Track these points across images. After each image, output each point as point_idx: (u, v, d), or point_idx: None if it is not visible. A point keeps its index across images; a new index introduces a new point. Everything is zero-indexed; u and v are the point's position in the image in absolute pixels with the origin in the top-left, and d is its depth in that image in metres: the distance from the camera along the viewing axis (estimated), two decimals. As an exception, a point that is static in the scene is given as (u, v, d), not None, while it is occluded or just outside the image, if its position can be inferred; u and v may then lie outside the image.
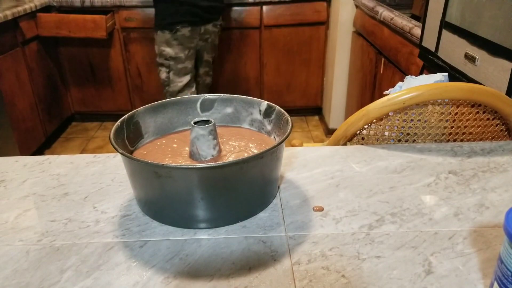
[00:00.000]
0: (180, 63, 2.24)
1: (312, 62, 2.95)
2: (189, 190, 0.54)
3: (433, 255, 0.52)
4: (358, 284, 0.48)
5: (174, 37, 2.17)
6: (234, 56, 2.91)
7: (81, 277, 0.49)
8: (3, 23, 2.21)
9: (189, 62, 2.27)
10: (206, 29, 2.26)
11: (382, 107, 0.82)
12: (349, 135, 0.86)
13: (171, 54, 2.21)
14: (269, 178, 0.60)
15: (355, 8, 2.53)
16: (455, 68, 1.24)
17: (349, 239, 0.55)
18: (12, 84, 2.32)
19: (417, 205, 0.62)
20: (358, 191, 0.65)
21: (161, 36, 2.18)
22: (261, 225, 0.57)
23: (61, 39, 2.76)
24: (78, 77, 2.95)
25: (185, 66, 2.26)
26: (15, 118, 2.34)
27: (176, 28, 2.15)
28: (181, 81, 2.28)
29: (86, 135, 2.98)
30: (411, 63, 1.68)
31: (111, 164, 0.74)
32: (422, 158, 0.74)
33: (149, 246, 0.54)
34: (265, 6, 2.76)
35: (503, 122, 0.87)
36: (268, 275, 0.49)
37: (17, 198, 0.65)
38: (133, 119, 0.66)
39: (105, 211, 0.61)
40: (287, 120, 0.63)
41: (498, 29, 1.03)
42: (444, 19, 1.30)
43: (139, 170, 0.56)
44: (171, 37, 2.17)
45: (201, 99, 0.72)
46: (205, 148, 0.62)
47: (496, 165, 0.72)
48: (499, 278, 0.41)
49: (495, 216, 0.59)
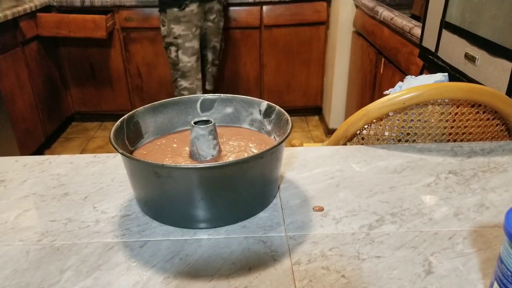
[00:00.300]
0: (187, 41, 2.29)
1: (312, 62, 2.95)
2: (189, 190, 0.54)
3: (433, 255, 0.52)
4: (358, 284, 0.48)
5: (182, 14, 2.23)
6: (234, 56, 2.91)
7: (81, 277, 0.49)
8: (3, 23, 2.21)
9: (196, 42, 2.32)
10: (211, 6, 2.34)
11: (382, 107, 0.82)
12: (349, 135, 0.86)
13: (179, 32, 2.26)
14: (269, 178, 0.60)
15: (355, 8, 2.53)
16: (455, 68, 1.24)
17: (349, 239, 0.55)
18: (12, 84, 2.32)
19: (417, 205, 0.62)
20: (358, 191, 0.65)
21: (170, 14, 2.23)
22: (261, 225, 0.57)
23: (61, 39, 2.76)
24: (78, 77, 2.95)
25: (192, 46, 2.31)
26: (15, 118, 2.34)
27: (185, 3, 2.21)
28: (189, 61, 2.33)
29: (86, 135, 2.99)
30: (411, 63, 1.68)
31: (111, 164, 0.74)
32: (422, 158, 0.74)
33: (149, 246, 0.54)
34: (265, 6, 2.76)
35: (503, 122, 0.87)
36: (268, 275, 0.49)
37: (17, 198, 0.65)
38: (133, 119, 0.66)
39: (105, 211, 0.61)
40: (287, 120, 0.63)
41: (498, 29, 1.03)
42: (444, 19, 1.30)
43: (139, 170, 0.56)
44: (179, 13, 2.22)
45: (201, 99, 0.72)
46: (205, 148, 0.62)
47: (496, 165, 0.72)
48: (499, 278, 0.41)
49: (495, 216, 0.59)
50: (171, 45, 2.29)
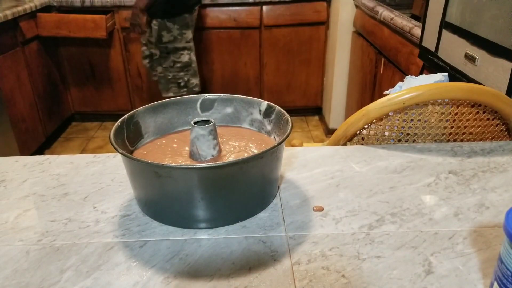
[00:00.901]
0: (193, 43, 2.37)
1: (312, 62, 2.95)
2: (189, 190, 0.54)
3: (433, 255, 0.52)
4: (358, 284, 0.48)
5: (191, 18, 2.28)
6: (234, 56, 2.91)
7: (81, 277, 0.49)
8: (3, 23, 2.21)
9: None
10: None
11: (382, 107, 0.82)
12: (349, 135, 0.86)
13: (191, 36, 2.32)
14: (269, 178, 0.60)
15: (355, 8, 2.53)
16: (455, 68, 1.24)
17: (349, 239, 0.55)
18: (12, 84, 2.32)
19: (417, 205, 0.62)
20: (358, 191, 0.65)
21: (180, 21, 2.26)
22: (261, 225, 0.57)
23: (61, 39, 2.76)
24: (78, 77, 2.95)
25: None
26: (15, 118, 2.34)
27: (194, 9, 2.30)
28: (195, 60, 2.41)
29: (86, 135, 2.99)
30: (411, 63, 1.68)
31: (111, 164, 0.74)
32: (422, 158, 0.74)
33: (149, 246, 0.54)
34: (265, 6, 2.76)
35: (503, 122, 0.87)
36: (268, 275, 0.49)
37: (17, 198, 0.65)
38: (133, 119, 0.66)
39: (105, 211, 0.61)
40: (287, 120, 0.63)
41: (498, 29, 1.03)
42: (444, 19, 1.30)
43: (139, 170, 0.56)
44: (188, 18, 2.27)
45: (201, 99, 0.72)
46: (205, 148, 0.62)
47: (496, 165, 0.72)
48: (499, 278, 0.41)
49: (495, 216, 0.59)
50: (184, 49, 2.34)
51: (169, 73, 2.36)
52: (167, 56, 2.31)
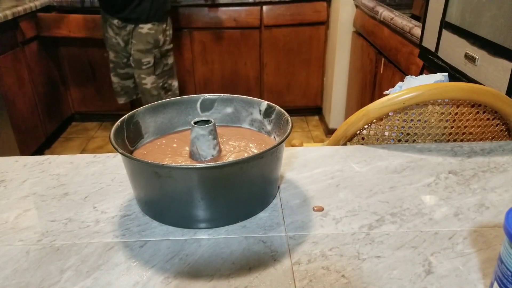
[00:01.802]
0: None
1: (312, 62, 2.95)
2: (189, 190, 0.54)
3: (433, 255, 0.52)
4: (358, 284, 0.48)
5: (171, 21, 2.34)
6: (234, 56, 2.91)
7: (81, 277, 0.49)
8: (3, 23, 2.21)
9: None
10: None
11: (382, 107, 0.82)
12: (349, 135, 0.86)
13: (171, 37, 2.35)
14: (269, 178, 0.60)
15: (355, 8, 2.53)
16: (455, 68, 1.24)
17: (349, 239, 0.55)
18: (12, 84, 2.32)
19: (417, 205, 0.62)
20: (358, 191, 0.65)
21: (169, 21, 2.29)
22: (261, 225, 0.57)
23: (61, 39, 2.76)
24: (78, 77, 2.95)
25: None
26: (15, 118, 2.34)
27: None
28: None
29: (86, 135, 2.98)
30: (411, 63, 1.68)
31: (111, 164, 0.74)
32: (422, 158, 0.74)
33: (149, 246, 0.54)
34: (265, 6, 2.76)
35: (503, 122, 0.87)
36: (268, 275, 0.49)
37: (17, 198, 0.65)
38: (133, 119, 0.66)
39: (105, 211, 0.61)
40: (287, 120, 0.63)
41: (498, 29, 1.03)
42: (444, 19, 1.30)
43: (139, 170, 0.56)
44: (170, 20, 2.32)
45: (201, 99, 0.72)
46: (205, 148, 0.62)
47: (496, 165, 0.72)
48: (499, 278, 0.41)
49: (495, 216, 0.59)
50: (171, 50, 2.35)
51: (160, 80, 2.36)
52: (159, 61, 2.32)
